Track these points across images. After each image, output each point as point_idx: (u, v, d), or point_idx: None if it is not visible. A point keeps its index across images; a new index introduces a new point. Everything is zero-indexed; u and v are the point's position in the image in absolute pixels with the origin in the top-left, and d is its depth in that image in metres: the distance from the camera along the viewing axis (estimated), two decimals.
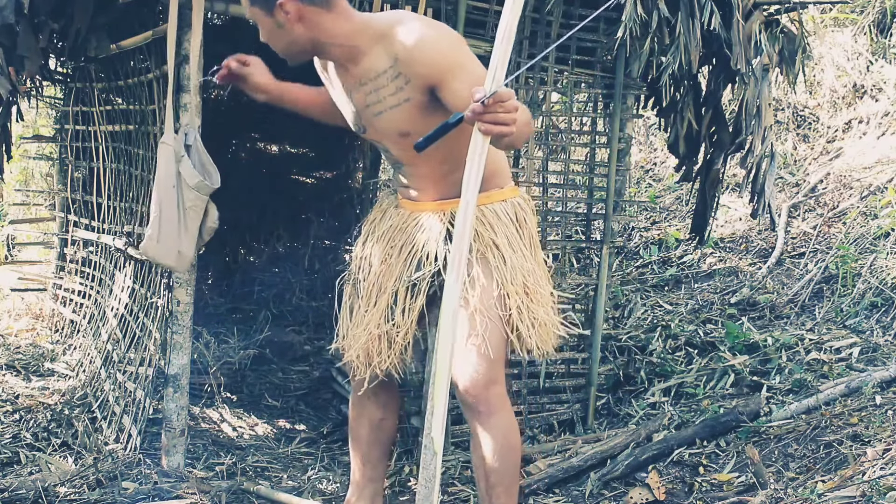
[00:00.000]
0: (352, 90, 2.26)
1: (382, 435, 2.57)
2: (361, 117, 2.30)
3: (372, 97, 2.20)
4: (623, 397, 4.02)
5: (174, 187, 2.86)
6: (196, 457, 3.31)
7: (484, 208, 2.29)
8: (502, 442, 2.22)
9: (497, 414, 2.22)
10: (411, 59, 2.08)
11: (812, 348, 4.03)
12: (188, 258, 2.93)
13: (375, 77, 2.17)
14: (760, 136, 3.66)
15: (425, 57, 2.07)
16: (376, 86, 2.18)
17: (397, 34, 2.11)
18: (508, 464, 2.25)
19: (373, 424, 2.54)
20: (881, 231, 4.83)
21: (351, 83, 2.25)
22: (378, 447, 2.57)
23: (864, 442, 2.95)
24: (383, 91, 2.17)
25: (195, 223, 2.90)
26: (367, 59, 2.17)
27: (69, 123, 4.95)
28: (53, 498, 2.80)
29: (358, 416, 2.56)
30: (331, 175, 6.07)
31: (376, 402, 2.53)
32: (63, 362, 4.49)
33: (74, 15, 2.97)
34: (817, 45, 6.19)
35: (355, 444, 2.58)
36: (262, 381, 4.53)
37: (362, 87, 2.22)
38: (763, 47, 3.51)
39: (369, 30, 2.17)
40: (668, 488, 3.00)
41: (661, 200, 6.55)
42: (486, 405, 2.21)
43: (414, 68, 2.09)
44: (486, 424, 2.21)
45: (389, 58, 2.13)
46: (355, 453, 2.59)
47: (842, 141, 5.94)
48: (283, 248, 6.05)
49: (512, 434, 2.26)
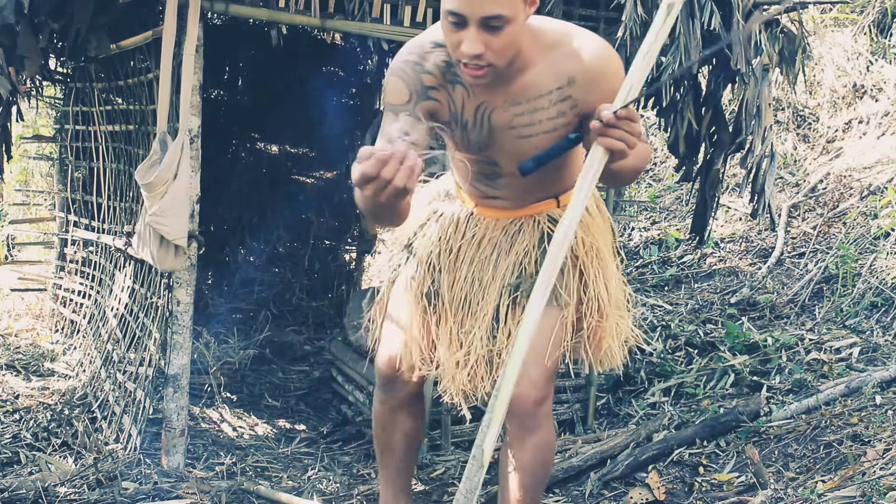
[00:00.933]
0: (492, 110, 1.91)
1: (417, 442, 2.41)
2: (493, 138, 1.96)
3: (523, 119, 1.89)
4: (623, 397, 4.02)
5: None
6: (196, 457, 3.31)
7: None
8: (540, 458, 2.15)
9: (541, 430, 2.13)
10: (592, 85, 1.79)
11: (812, 348, 4.03)
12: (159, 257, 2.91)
13: (536, 97, 1.87)
14: (760, 136, 3.66)
15: (609, 85, 1.75)
16: (533, 107, 1.88)
17: (577, 51, 1.82)
18: (539, 480, 2.19)
19: (408, 435, 2.34)
20: (881, 231, 4.83)
21: (496, 101, 1.90)
22: (412, 455, 2.41)
23: (864, 442, 2.95)
24: (541, 114, 1.87)
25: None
26: (530, 75, 1.86)
27: (69, 123, 4.95)
28: (53, 498, 2.80)
29: (390, 429, 2.33)
30: (331, 175, 6.07)
31: (409, 411, 2.32)
32: (63, 362, 4.49)
33: (74, 15, 2.97)
34: (817, 45, 6.19)
35: (388, 457, 2.37)
36: (262, 381, 4.53)
37: (512, 108, 1.89)
38: (763, 47, 3.51)
39: (539, 38, 1.84)
40: (668, 488, 3.00)
41: (661, 200, 6.54)
42: (535, 420, 2.10)
43: (591, 96, 1.80)
44: (528, 439, 2.13)
45: (560, 77, 1.84)
46: (388, 467, 2.38)
47: (842, 141, 5.93)
48: (283, 248, 6.04)
49: (549, 452, 2.19)
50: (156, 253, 2.89)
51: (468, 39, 1.70)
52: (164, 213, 2.84)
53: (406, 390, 2.25)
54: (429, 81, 1.89)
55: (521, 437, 2.13)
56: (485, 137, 1.97)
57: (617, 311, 2.21)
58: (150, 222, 2.85)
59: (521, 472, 2.14)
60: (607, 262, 2.18)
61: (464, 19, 1.69)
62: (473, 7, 1.67)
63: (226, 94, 5.87)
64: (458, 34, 1.72)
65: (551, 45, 1.84)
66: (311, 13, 3.10)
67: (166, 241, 2.88)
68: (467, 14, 1.68)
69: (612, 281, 2.17)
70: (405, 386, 2.23)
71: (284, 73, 5.63)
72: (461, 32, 1.72)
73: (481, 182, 2.14)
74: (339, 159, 6.00)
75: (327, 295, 5.98)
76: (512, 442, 2.16)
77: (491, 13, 1.67)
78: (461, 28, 1.71)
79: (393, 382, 2.24)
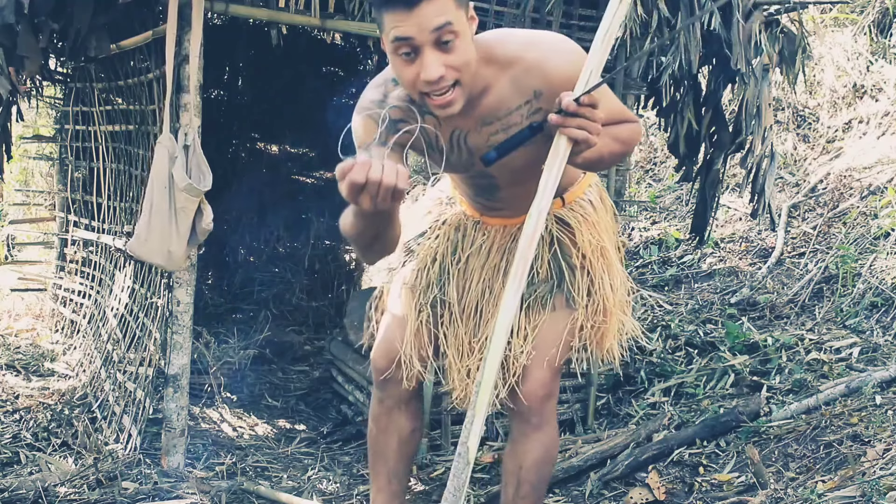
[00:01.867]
0: (466, 133, 1.89)
1: (411, 447, 2.34)
2: (475, 158, 1.91)
3: (499, 137, 1.85)
4: (623, 397, 4.02)
5: (166, 188, 2.87)
6: (196, 457, 3.31)
7: (582, 201, 2.14)
8: (543, 455, 2.17)
9: (545, 427, 2.15)
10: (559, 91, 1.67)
11: (812, 348, 4.03)
12: (179, 258, 2.92)
13: (507, 115, 1.84)
14: (760, 136, 3.66)
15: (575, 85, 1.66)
16: (506, 124, 1.85)
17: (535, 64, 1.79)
18: (542, 477, 2.21)
19: (402, 437, 2.29)
20: (881, 231, 4.83)
21: (468, 125, 1.87)
22: (405, 460, 2.34)
23: (864, 442, 2.94)
24: (515, 129, 1.82)
25: (186, 224, 2.89)
26: (494, 96, 1.83)
27: (69, 123, 4.95)
28: (53, 498, 2.80)
29: (384, 429, 2.29)
30: (331, 175, 6.07)
31: (407, 412, 2.28)
32: (63, 362, 4.49)
33: (74, 15, 2.97)
34: (817, 45, 6.19)
35: (379, 459, 2.32)
36: (262, 381, 4.53)
37: (485, 128, 1.87)
38: (763, 47, 3.51)
39: (493, 58, 1.80)
40: (668, 488, 3.00)
41: (661, 200, 6.54)
42: (539, 417, 2.13)
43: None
44: (532, 435, 2.15)
45: (525, 92, 1.81)
46: (379, 470, 2.33)
47: (842, 141, 5.93)
48: (283, 248, 6.05)
49: (553, 449, 2.22)
50: (180, 253, 2.89)
51: (426, 65, 1.65)
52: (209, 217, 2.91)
53: (403, 388, 2.23)
54: (395, 115, 1.85)
55: (527, 434, 2.15)
56: (466, 159, 1.95)
57: (620, 308, 2.22)
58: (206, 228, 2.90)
59: (525, 469, 2.17)
60: (612, 260, 2.19)
61: (415, 44, 1.65)
62: (421, 23, 1.62)
63: (226, 94, 5.87)
64: (413, 66, 1.68)
65: (508, 63, 1.81)
66: (311, 13, 3.10)
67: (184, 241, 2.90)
68: (415, 35, 1.63)
69: (616, 279, 2.18)
70: (401, 384, 2.21)
71: (284, 73, 5.63)
72: (415, 63, 1.67)
73: (482, 197, 2.13)
74: (339, 159, 6.00)
75: (327, 295, 5.98)
76: (516, 439, 2.18)
77: (439, 23, 1.63)
78: (414, 57, 1.67)
79: (389, 379, 2.23)
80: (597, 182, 2.25)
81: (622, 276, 2.23)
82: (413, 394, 2.28)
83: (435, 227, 2.27)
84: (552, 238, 2.14)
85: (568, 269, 2.14)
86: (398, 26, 1.64)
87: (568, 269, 2.14)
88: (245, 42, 5.50)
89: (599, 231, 2.16)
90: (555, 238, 2.14)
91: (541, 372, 2.10)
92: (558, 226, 2.14)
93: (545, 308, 2.13)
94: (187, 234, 2.90)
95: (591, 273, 2.14)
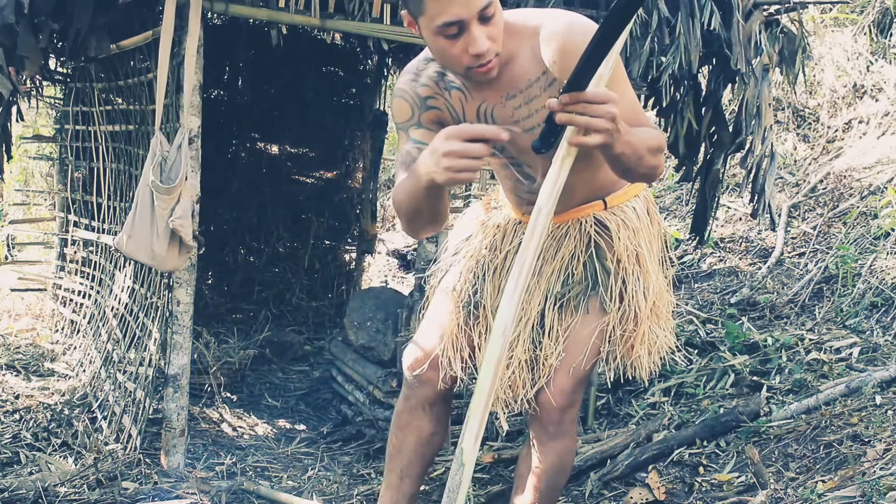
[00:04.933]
0: (493, 107, 1.92)
1: (429, 450, 2.30)
2: None
3: (522, 111, 1.90)
4: (623, 397, 4.01)
5: (148, 186, 2.88)
6: (196, 457, 3.32)
7: (626, 206, 2.11)
8: (558, 464, 2.15)
9: (562, 437, 2.13)
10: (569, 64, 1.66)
11: (812, 348, 4.03)
12: (165, 258, 2.91)
13: (527, 87, 1.87)
14: (760, 136, 3.66)
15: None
16: (527, 97, 1.88)
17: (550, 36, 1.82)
18: (553, 486, 2.18)
19: (421, 437, 2.27)
20: (881, 231, 4.83)
21: (494, 99, 1.91)
22: (421, 463, 2.31)
23: (864, 442, 2.94)
24: (536, 103, 1.87)
25: (163, 223, 2.88)
26: (515, 66, 1.86)
27: (69, 123, 4.95)
28: (53, 498, 2.80)
29: (404, 427, 2.28)
30: (331, 175, 6.07)
31: (430, 414, 2.26)
32: (63, 362, 4.49)
33: (74, 15, 2.97)
34: (817, 45, 6.19)
35: (395, 457, 2.30)
36: (262, 381, 4.53)
37: (509, 102, 1.90)
38: (763, 47, 3.51)
39: (513, 30, 1.84)
40: (668, 488, 3.00)
41: (661, 200, 6.54)
42: (558, 426, 2.12)
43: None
44: (550, 443, 2.13)
45: (541, 64, 1.84)
46: (393, 467, 2.31)
47: (842, 141, 5.94)
48: (283, 248, 6.05)
49: (569, 458, 2.20)
50: (163, 253, 2.89)
51: (474, 39, 1.71)
52: (186, 214, 2.88)
53: (431, 389, 2.23)
54: (424, 92, 1.95)
55: (543, 441, 2.13)
56: None
57: (655, 319, 2.17)
58: (176, 226, 2.86)
59: (538, 476, 2.14)
60: (649, 269, 2.13)
61: (463, 23, 1.70)
62: (470, 6, 1.68)
63: (226, 94, 5.87)
64: (459, 43, 1.72)
65: (528, 35, 1.85)
66: (311, 13, 3.10)
67: (173, 241, 2.89)
68: (465, 16, 1.69)
69: (651, 289, 2.13)
70: (429, 385, 2.22)
71: (284, 73, 5.63)
72: (461, 39, 1.72)
73: (522, 188, 2.12)
74: (339, 159, 6.01)
75: (327, 295, 5.99)
76: (533, 444, 2.16)
77: (485, 2, 1.69)
78: (460, 35, 1.71)
79: (419, 378, 2.23)
80: (647, 195, 2.21)
81: (660, 289, 2.18)
82: (440, 397, 2.26)
83: (479, 230, 2.28)
84: (589, 240, 2.11)
85: (603, 272, 2.11)
86: (446, 10, 1.68)
87: (603, 272, 2.11)
88: (245, 42, 5.50)
89: (639, 239, 2.12)
90: (592, 240, 2.11)
91: (565, 379, 2.08)
92: (597, 228, 2.11)
93: (578, 310, 2.11)
94: (166, 234, 2.89)
95: (626, 279, 2.11)
